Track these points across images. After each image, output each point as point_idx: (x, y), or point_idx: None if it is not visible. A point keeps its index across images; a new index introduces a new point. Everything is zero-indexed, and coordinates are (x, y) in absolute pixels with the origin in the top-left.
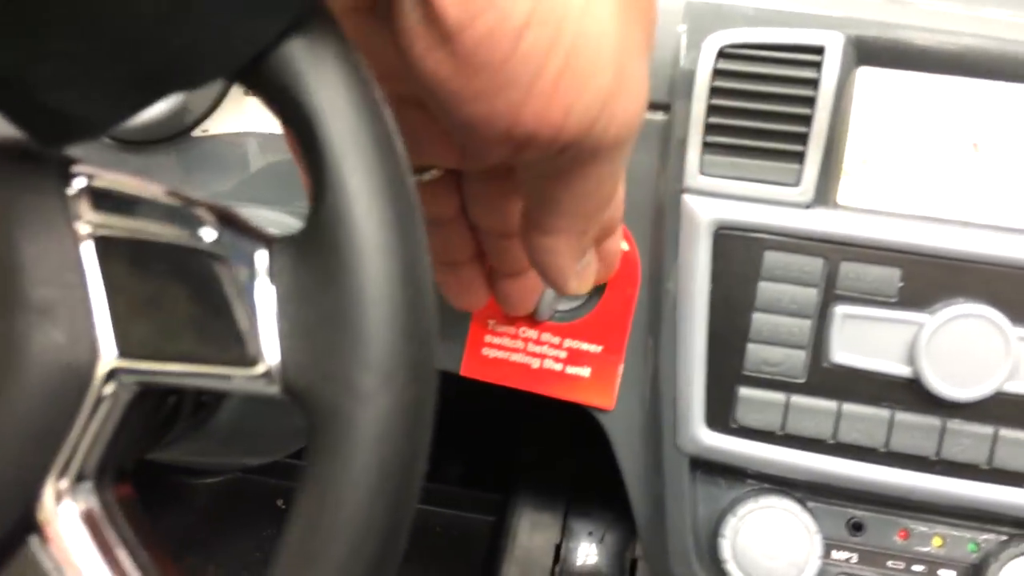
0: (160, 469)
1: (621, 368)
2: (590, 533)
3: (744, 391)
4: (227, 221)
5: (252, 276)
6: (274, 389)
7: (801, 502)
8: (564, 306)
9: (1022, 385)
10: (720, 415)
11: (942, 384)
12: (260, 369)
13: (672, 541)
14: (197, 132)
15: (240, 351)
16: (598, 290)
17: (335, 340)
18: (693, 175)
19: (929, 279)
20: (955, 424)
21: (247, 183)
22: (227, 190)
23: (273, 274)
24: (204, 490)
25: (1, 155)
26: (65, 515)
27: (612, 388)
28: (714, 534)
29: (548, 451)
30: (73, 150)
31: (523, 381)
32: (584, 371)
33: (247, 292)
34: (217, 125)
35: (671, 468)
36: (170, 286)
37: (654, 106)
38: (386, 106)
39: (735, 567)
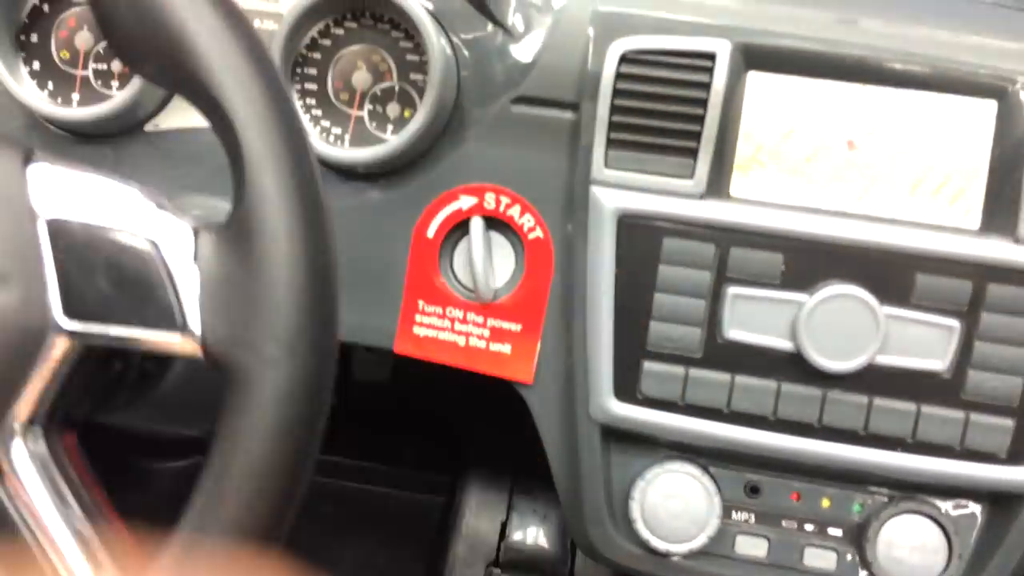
0: (124, 451)
1: (539, 345)
2: (534, 511)
3: (648, 365)
4: (161, 208)
5: (180, 257)
6: (196, 352)
7: (703, 467)
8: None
9: (892, 359)
10: (627, 387)
11: (820, 357)
12: (184, 336)
13: (587, 504)
14: (148, 127)
15: (168, 319)
16: (519, 274)
17: (248, 314)
18: (599, 168)
19: (808, 263)
20: (834, 394)
21: (195, 175)
22: (176, 182)
23: (198, 256)
24: (168, 473)
25: None
26: (17, 454)
27: (531, 363)
28: (625, 496)
29: (495, 433)
30: (29, 141)
31: (451, 357)
32: (506, 348)
33: (175, 270)
34: (168, 120)
35: (585, 436)
36: (111, 262)
37: (563, 105)
38: (297, 108)
39: (643, 526)
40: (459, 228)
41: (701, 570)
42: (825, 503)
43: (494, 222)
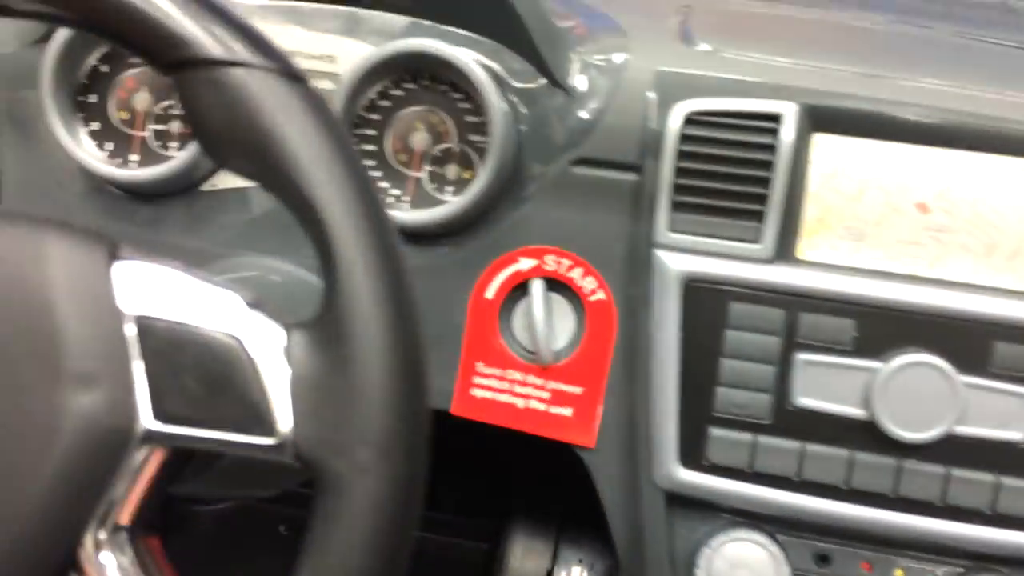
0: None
1: (600, 408)
2: (580, 560)
3: (714, 431)
4: (254, 306)
5: (271, 358)
6: (286, 457)
7: (771, 535)
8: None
9: (971, 428)
10: (693, 453)
11: (896, 427)
12: (274, 439)
13: (651, 570)
14: (206, 186)
15: (258, 422)
16: (579, 336)
17: (339, 417)
18: (663, 231)
19: (881, 329)
20: (910, 464)
21: (253, 235)
22: (234, 242)
23: (289, 357)
24: (209, 516)
25: (53, 233)
26: (104, 563)
27: (593, 427)
28: (689, 564)
29: (541, 481)
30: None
31: (509, 420)
32: (566, 411)
33: (265, 371)
34: (225, 180)
35: (648, 502)
36: (200, 362)
37: (625, 167)
38: (386, 211)
39: None
40: (519, 289)
41: None
42: (898, 573)
43: (555, 283)
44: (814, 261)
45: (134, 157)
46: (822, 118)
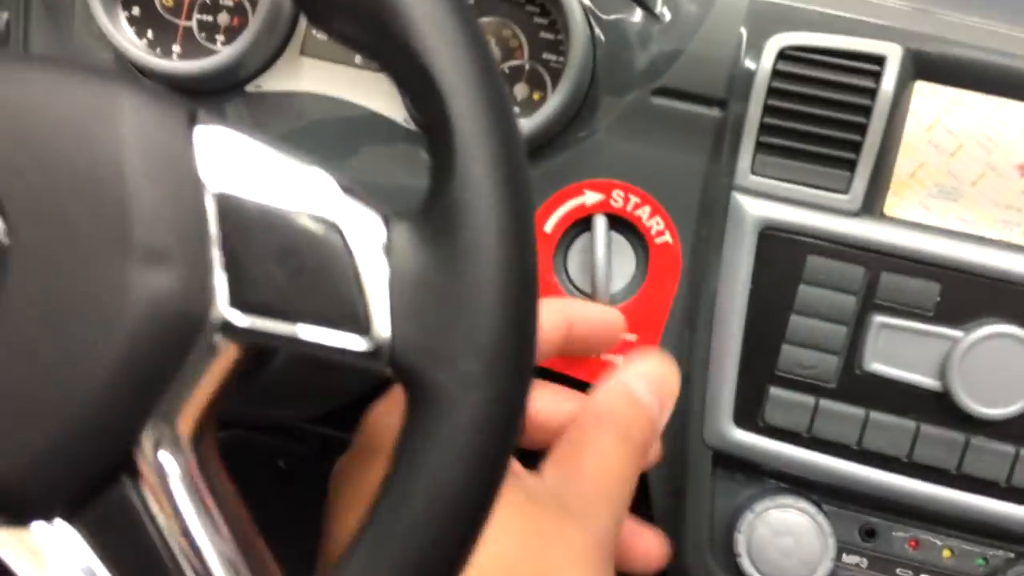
0: None
1: None
2: None
3: (775, 391)
4: (349, 191)
5: (369, 250)
6: (379, 364)
7: (817, 504)
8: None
9: None
10: (749, 413)
11: (970, 400)
12: (369, 342)
13: (689, 532)
14: (250, 87)
15: (352, 320)
16: (639, 280)
17: (448, 323)
18: (744, 174)
19: (967, 296)
20: (979, 440)
21: (295, 143)
22: None
23: (390, 250)
24: None
25: (128, 89)
26: (164, 467)
27: None
28: (729, 528)
29: None
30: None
31: (556, 362)
32: (617, 358)
33: (362, 264)
34: (271, 83)
35: (695, 461)
36: (288, 247)
37: (709, 101)
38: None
39: (748, 562)
40: (578, 224)
41: None
42: (946, 554)
43: (617, 221)
44: (902, 218)
45: (176, 48)
46: (927, 64)
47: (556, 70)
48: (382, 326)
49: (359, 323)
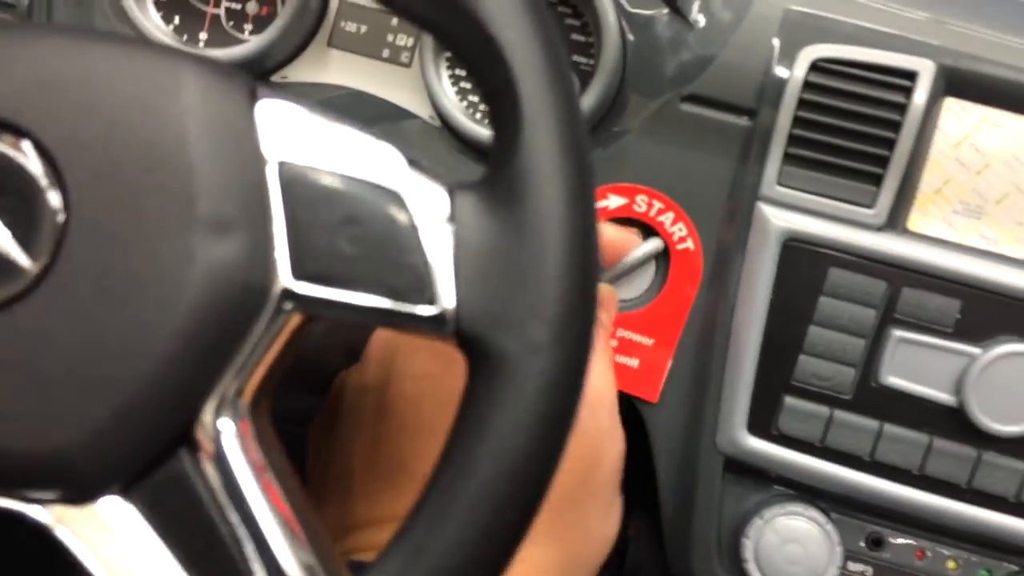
0: None
1: (670, 363)
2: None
3: (790, 400)
4: (412, 163)
5: (432, 219)
6: (445, 332)
7: (825, 512)
8: (625, 295)
9: None
10: (762, 421)
11: (985, 417)
12: (435, 309)
13: (697, 537)
14: (276, 77)
15: (415, 290)
16: (658, 285)
17: (513, 290)
18: (770, 184)
19: (987, 314)
20: (990, 456)
21: None
22: None
23: (454, 219)
24: None
25: (190, 63)
26: (223, 432)
27: (659, 381)
28: (737, 534)
29: None
30: None
31: None
32: (633, 362)
33: (426, 234)
34: (298, 73)
35: (706, 466)
36: (351, 217)
37: (739, 110)
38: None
39: (755, 567)
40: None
41: None
42: (951, 565)
43: (638, 226)
44: (925, 234)
45: (203, 35)
46: (958, 81)
47: (586, 72)
48: (447, 294)
49: (423, 292)
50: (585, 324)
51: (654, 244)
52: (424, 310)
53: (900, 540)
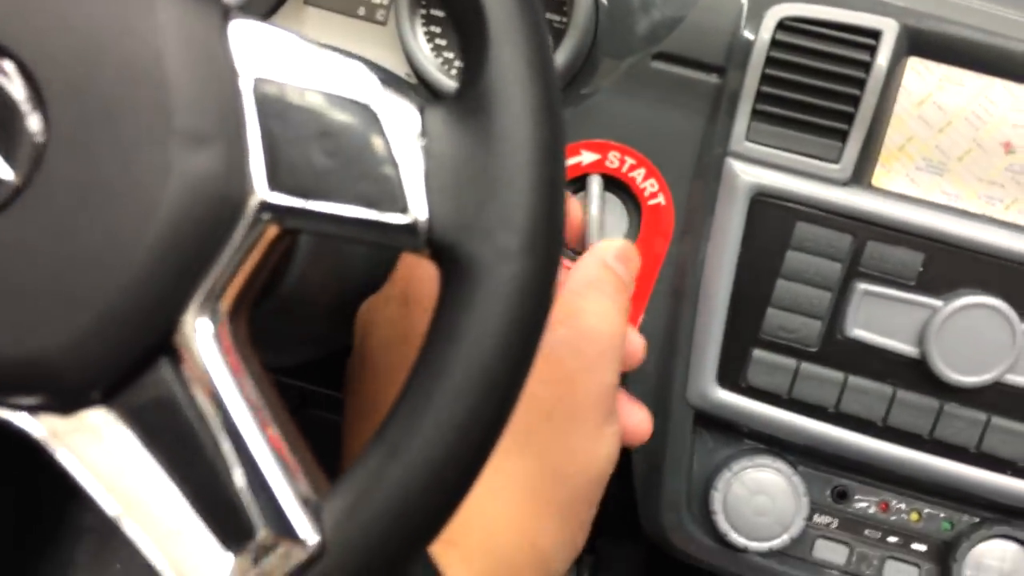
0: None
1: (641, 318)
2: None
3: (758, 353)
4: (384, 81)
5: (404, 133)
6: (418, 242)
7: (793, 465)
8: None
9: (1022, 378)
10: (731, 374)
11: (947, 368)
12: (407, 218)
13: (667, 489)
14: None
15: (391, 198)
16: (630, 240)
17: (484, 199)
18: (739, 140)
19: (948, 267)
20: (952, 407)
21: None
22: None
23: (425, 133)
24: None
25: None
26: (201, 339)
27: None
28: (707, 486)
29: None
30: None
31: None
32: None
33: (397, 148)
34: (285, 21)
35: (676, 420)
36: (325, 131)
37: (709, 67)
38: None
39: (723, 519)
40: (573, 183)
41: (775, 570)
42: (914, 516)
43: (611, 181)
44: (889, 190)
45: None
46: (921, 41)
47: (558, 30)
48: (418, 205)
49: (396, 201)
50: (553, 233)
51: (596, 183)
52: (397, 218)
53: (865, 493)
